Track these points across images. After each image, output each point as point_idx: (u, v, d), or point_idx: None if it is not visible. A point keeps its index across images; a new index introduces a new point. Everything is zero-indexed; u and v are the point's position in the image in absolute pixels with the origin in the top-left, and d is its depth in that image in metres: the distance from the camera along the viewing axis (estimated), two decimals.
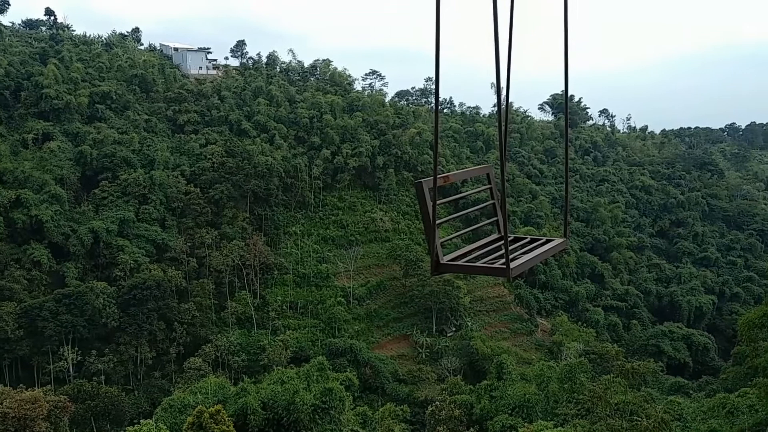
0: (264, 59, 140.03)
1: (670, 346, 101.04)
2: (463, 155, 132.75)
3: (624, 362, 62.21)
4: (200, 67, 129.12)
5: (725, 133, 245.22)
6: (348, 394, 51.52)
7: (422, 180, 6.28)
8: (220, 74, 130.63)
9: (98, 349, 78.75)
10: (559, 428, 41.29)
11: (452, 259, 6.68)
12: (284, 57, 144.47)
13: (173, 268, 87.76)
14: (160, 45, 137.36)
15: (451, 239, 7.45)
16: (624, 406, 39.10)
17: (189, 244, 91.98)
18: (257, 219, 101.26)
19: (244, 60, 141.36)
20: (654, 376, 70.75)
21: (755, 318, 29.59)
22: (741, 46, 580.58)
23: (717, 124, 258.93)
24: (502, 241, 6.72)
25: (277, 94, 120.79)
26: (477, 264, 6.59)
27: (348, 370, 73.63)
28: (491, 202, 7.48)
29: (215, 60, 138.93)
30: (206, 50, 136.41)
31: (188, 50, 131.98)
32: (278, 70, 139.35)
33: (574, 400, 46.38)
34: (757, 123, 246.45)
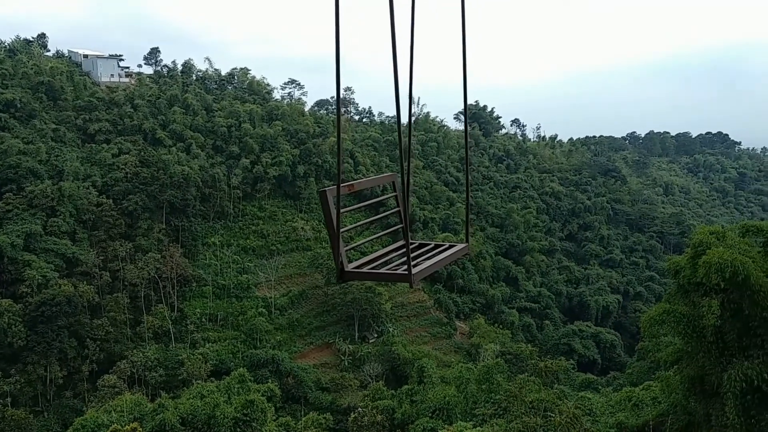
0: (179, 67, 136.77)
1: (580, 344, 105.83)
2: (382, 164, 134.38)
3: (538, 361, 64.70)
4: (112, 75, 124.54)
5: (627, 141, 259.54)
6: (270, 405, 51.07)
7: (326, 188, 6.57)
8: (132, 82, 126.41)
9: (3, 370, 74.34)
10: (477, 428, 42.59)
11: (358, 266, 6.97)
12: (200, 65, 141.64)
13: (85, 282, 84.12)
14: (69, 51, 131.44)
15: (366, 243, 7.96)
16: (538, 403, 40.81)
17: (102, 258, 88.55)
18: (174, 230, 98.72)
19: (159, 68, 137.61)
20: (566, 373, 73.82)
21: (656, 315, 31.72)
22: (642, 61, 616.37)
23: (619, 132, 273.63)
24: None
25: (193, 103, 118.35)
26: (381, 271, 6.97)
27: (270, 380, 72.75)
28: (397, 209, 7.74)
29: (128, 67, 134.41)
30: (118, 57, 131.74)
31: (98, 57, 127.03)
32: (194, 78, 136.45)
33: (492, 400, 47.90)
34: (655, 132, 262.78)
